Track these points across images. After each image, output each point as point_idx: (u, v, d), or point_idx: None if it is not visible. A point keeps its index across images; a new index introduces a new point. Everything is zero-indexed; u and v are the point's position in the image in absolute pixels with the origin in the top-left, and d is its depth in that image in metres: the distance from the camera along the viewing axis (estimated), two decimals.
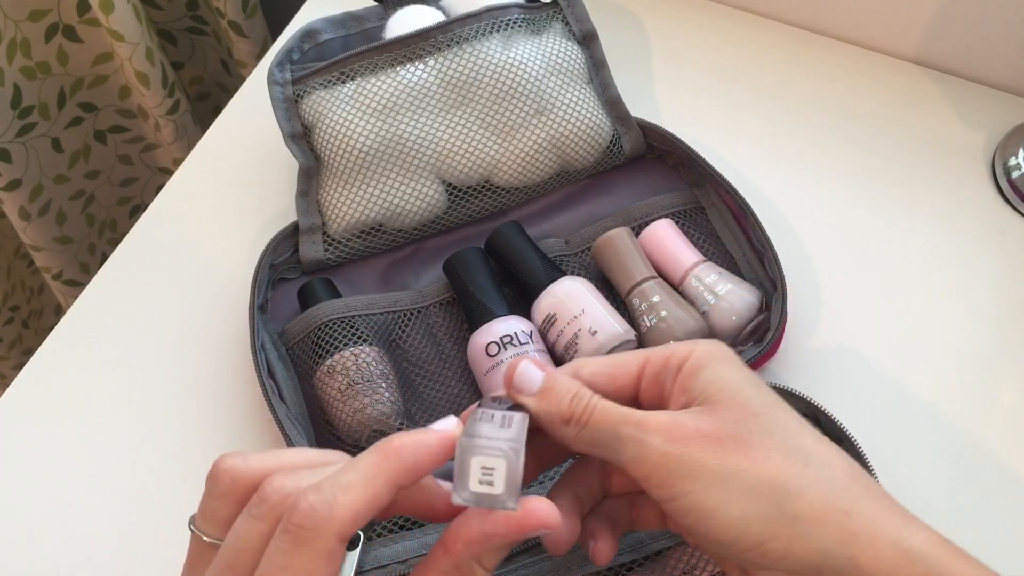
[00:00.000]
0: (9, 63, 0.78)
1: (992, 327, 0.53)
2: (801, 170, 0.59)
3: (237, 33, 0.89)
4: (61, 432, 0.53)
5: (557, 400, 0.31)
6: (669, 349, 0.32)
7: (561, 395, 0.31)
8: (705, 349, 0.31)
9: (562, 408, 0.30)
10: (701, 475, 0.28)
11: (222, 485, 0.29)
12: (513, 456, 0.27)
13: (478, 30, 0.55)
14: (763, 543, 0.28)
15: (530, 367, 0.32)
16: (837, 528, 0.27)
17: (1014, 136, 0.58)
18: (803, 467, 0.29)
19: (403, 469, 0.27)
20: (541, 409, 0.31)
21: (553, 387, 0.31)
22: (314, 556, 0.26)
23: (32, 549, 0.49)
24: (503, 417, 0.30)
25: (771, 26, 0.65)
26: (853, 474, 0.29)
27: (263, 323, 0.52)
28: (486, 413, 0.30)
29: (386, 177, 0.54)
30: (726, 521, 0.28)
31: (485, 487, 0.27)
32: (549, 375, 0.32)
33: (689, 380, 0.31)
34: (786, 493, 0.28)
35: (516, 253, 0.52)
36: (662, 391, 0.32)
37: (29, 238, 0.89)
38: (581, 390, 0.31)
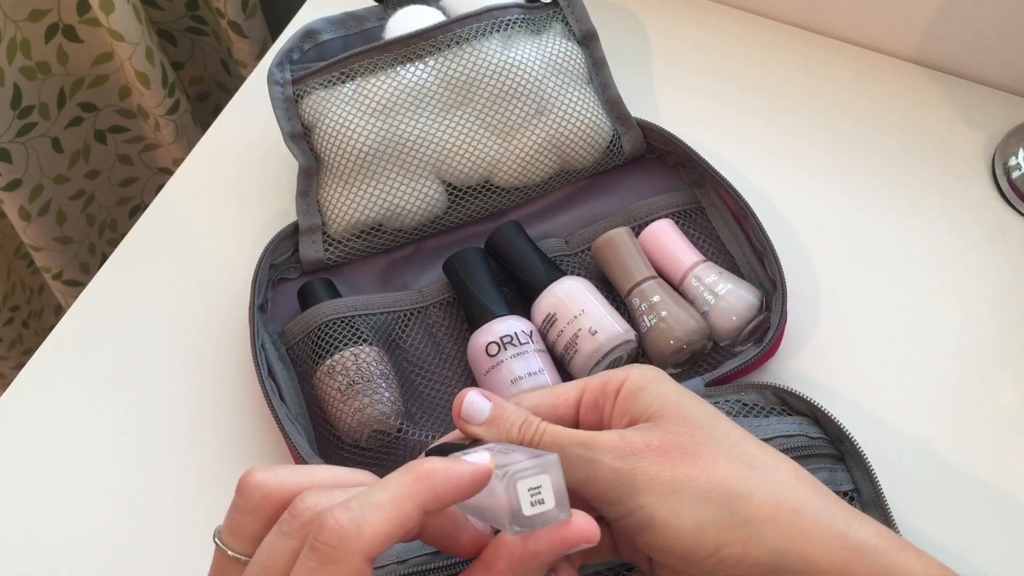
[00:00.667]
0: (9, 63, 0.78)
1: (992, 327, 0.53)
2: (801, 170, 0.59)
3: (237, 33, 0.89)
4: (61, 432, 0.53)
5: (507, 427, 0.32)
6: (605, 376, 0.33)
7: (510, 422, 0.32)
8: (641, 372, 0.32)
9: (512, 435, 0.31)
10: (652, 488, 0.29)
11: (251, 500, 0.28)
12: (555, 466, 0.27)
13: (478, 30, 0.55)
14: (719, 549, 0.28)
15: (477, 398, 0.33)
16: (788, 526, 0.28)
17: (1014, 136, 0.58)
18: (750, 471, 0.29)
19: (433, 495, 0.27)
20: (491, 437, 0.32)
21: (501, 416, 0.32)
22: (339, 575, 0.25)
23: (32, 549, 0.49)
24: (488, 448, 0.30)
25: (771, 26, 0.65)
26: (799, 475, 0.30)
27: (263, 323, 0.52)
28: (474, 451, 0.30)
29: (386, 177, 0.54)
30: (680, 531, 0.28)
31: (538, 507, 0.27)
32: (496, 404, 0.32)
33: (629, 402, 0.31)
34: (736, 497, 0.29)
35: (516, 253, 0.52)
36: (600, 416, 0.32)
37: (29, 238, 0.89)
38: (529, 417, 0.32)
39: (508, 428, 0.32)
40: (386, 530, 0.26)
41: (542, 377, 0.47)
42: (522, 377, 0.47)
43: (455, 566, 0.39)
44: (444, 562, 0.39)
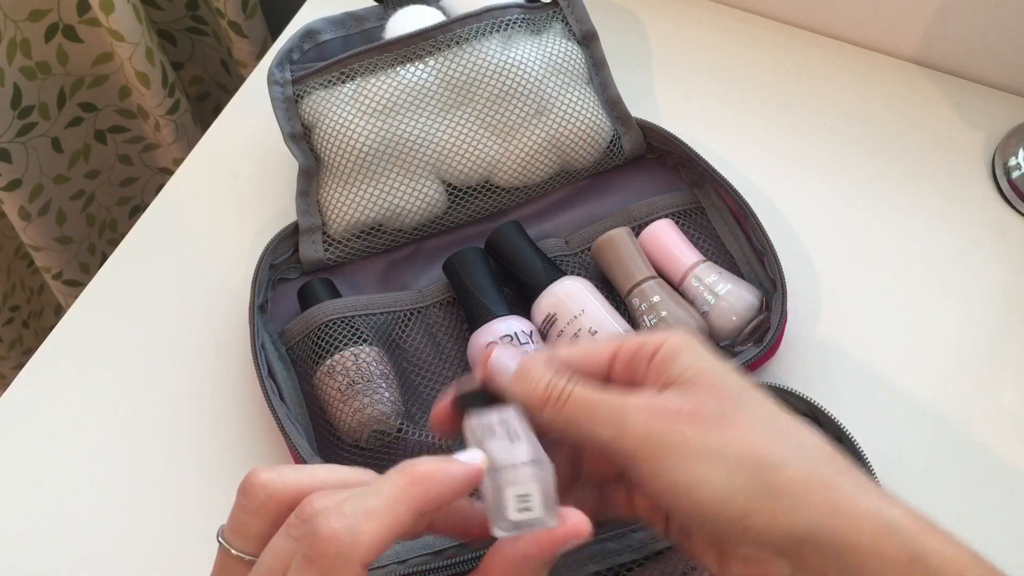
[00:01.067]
0: (9, 63, 0.78)
1: (992, 327, 0.53)
2: (801, 170, 0.59)
3: (237, 33, 0.89)
4: (61, 432, 0.53)
5: (533, 384, 0.31)
6: (642, 337, 0.32)
7: (537, 379, 0.31)
8: (679, 337, 0.32)
9: (538, 392, 0.31)
10: (683, 452, 0.28)
11: (256, 500, 0.28)
12: (547, 476, 0.27)
13: (478, 30, 0.55)
14: (746, 517, 0.28)
15: (505, 352, 0.32)
16: (819, 501, 0.28)
17: (1014, 136, 0.58)
18: (784, 442, 0.29)
19: (426, 499, 0.27)
20: (517, 393, 0.31)
21: (529, 371, 0.31)
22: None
23: (32, 549, 0.49)
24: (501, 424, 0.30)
25: (771, 26, 0.65)
26: (830, 452, 0.30)
27: (263, 323, 0.52)
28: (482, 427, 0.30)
29: (386, 177, 0.54)
30: (709, 495, 0.28)
31: (524, 514, 0.27)
32: (524, 360, 0.32)
33: (664, 366, 0.31)
34: (769, 467, 0.28)
35: (516, 253, 0.52)
36: (633, 378, 0.32)
37: (29, 238, 0.89)
38: (557, 374, 0.31)
39: (534, 386, 0.31)
40: (382, 537, 0.26)
41: None
42: None
43: (455, 566, 0.39)
44: (444, 562, 0.39)
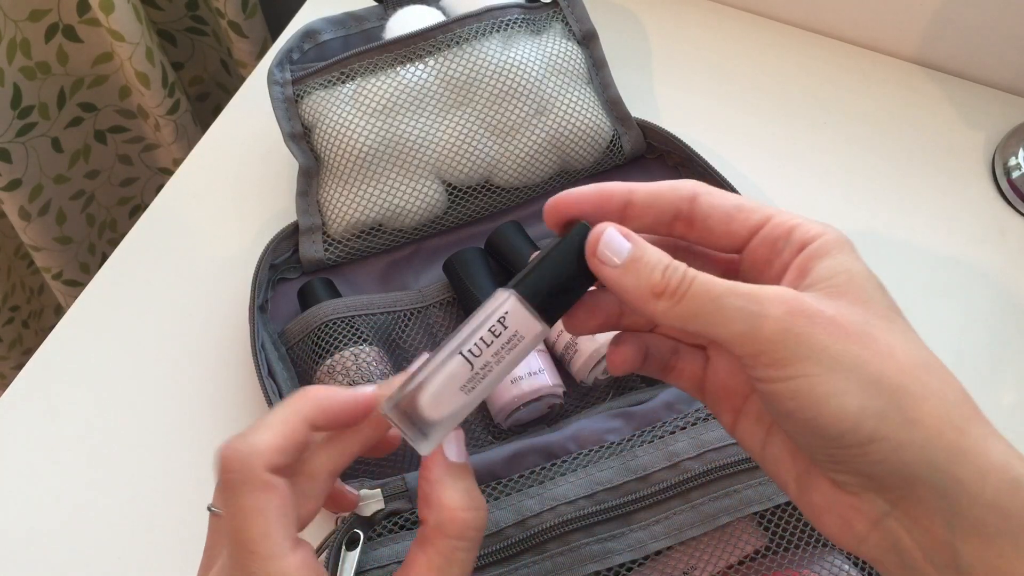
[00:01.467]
0: (9, 63, 0.78)
1: (992, 327, 0.53)
2: (801, 170, 0.59)
3: (237, 33, 0.89)
4: (61, 432, 0.53)
5: (647, 271, 0.28)
6: (796, 220, 0.29)
7: (652, 265, 0.28)
8: (837, 236, 0.29)
9: (653, 280, 0.28)
10: (822, 358, 0.26)
11: None
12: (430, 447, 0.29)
13: (478, 30, 0.55)
14: (871, 441, 0.26)
15: (616, 235, 0.28)
16: (949, 443, 0.26)
17: (1014, 136, 0.58)
18: (926, 373, 0.27)
19: (318, 410, 0.29)
20: (628, 283, 0.28)
21: (642, 257, 0.28)
22: (253, 492, 0.27)
23: (32, 549, 0.49)
24: None
25: (771, 26, 0.65)
26: (965, 394, 0.27)
27: (263, 323, 0.52)
28: None
29: (386, 177, 0.54)
30: (839, 411, 0.26)
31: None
32: (637, 244, 0.28)
33: (813, 261, 0.28)
34: (908, 395, 0.26)
35: (516, 253, 0.52)
36: (772, 258, 0.29)
37: (29, 238, 0.89)
38: (673, 262, 0.28)
39: (649, 273, 0.28)
40: (278, 443, 0.28)
41: (542, 377, 0.47)
42: (522, 377, 0.47)
43: None
44: None
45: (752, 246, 0.29)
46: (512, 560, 0.39)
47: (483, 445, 0.48)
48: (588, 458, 0.42)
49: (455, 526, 0.29)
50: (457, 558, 0.28)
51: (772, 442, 0.30)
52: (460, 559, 0.29)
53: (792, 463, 0.29)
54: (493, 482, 0.42)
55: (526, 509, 0.40)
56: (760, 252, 0.29)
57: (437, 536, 0.29)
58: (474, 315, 0.29)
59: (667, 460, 0.41)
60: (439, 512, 0.29)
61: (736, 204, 0.30)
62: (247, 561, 0.27)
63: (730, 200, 0.30)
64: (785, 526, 0.40)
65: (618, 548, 0.39)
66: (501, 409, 0.47)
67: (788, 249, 0.29)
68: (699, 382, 0.32)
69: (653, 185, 0.30)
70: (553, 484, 0.41)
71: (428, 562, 0.28)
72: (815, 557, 0.40)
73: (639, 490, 0.40)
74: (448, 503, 0.29)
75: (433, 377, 0.28)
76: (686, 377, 0.33)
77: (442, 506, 0.29)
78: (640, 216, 0.30)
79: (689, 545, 0.40)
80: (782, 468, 0.29)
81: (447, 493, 0.29)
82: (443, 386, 0.28)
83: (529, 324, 0.28)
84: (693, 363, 0.32)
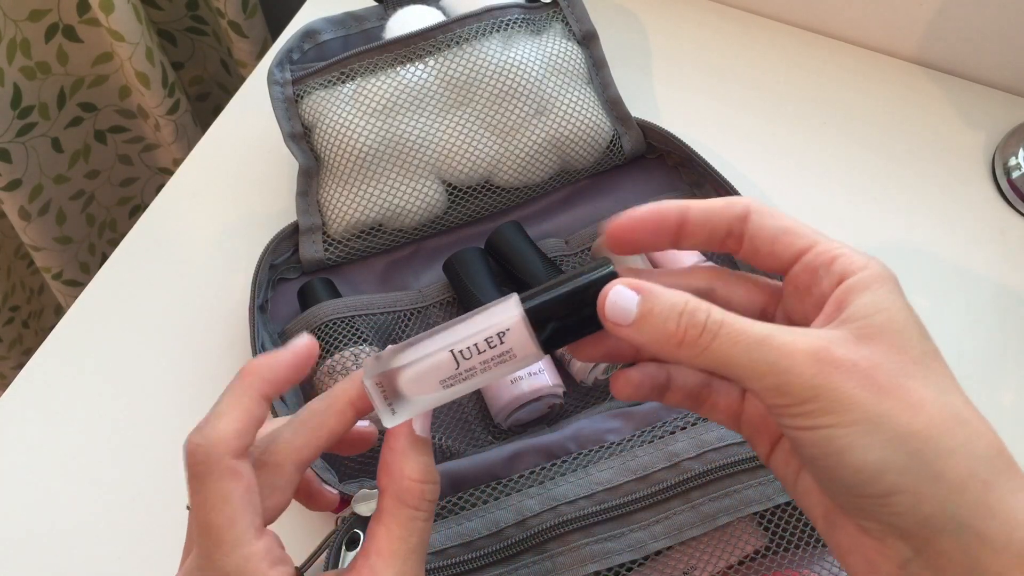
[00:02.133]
0: (9, 63, 0.78)
1: (992, 327, 0.53)
2: (801, 170, 0.59)
3: (237, 33, 0.89)
4: (61, 432, 0.53)
5: (661, 323, 0.27)
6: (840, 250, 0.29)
7: (665, 316, 0.27)
8: (879, 271, 0.28)
9: (668, 331, 0.26)
10: (848, 411, 0.26)
11: None
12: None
13: (478, 30, 0.55)
14: (892, 494, 0.26)
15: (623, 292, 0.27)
16: (974, 497, 0.25)
17: (1014, 136, 0.58)
18: (956, 425, 0.26)
19: (264, 382, 0.30)
20: (643, 339, 0.27)
21: (652, 311, 0.27)
22: (218, 479, 0.28)
23: (32, 549, 0.49)
24: None
25: (771, 26, 0.65)
26: (999, 446, 0.27)
27: (263, 323, 0.52)
28: None
29: (386, 177, 0.54)
30: (860, 464, 0.26)
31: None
32: (647, 297, 0.27)
33: (852, 296, 0.27)
34: (934, 450, 0.25)
35: (516, 253, 0.52)
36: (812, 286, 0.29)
37: (29, 238, 0.89)
38: (691, 304, 0.26)
39: (663, 324, 0.26)
40: (235, 428, 0.29)
41: (542, 377, 0.47)
42: (522, 377, 0.47)
43: (455, 565, 0.39)
44: (444, 562, 0.39)
45: (795, 271, 0.29)
46: (512, 560, 0.39)
47: (483, 445, 0.48)
48: (588, 458, 0.42)
49: (413, 496, 0.29)
50: (416, 527, 0.30)
51: (804, 477, 0.30)
52: (418, 528, 0.30)
53: (821, 500, 0.29)
54: (493, 482, 0.42)
55: (526, 509, 0.40)
56: (802, 278, 0.29)
57: (396, 507, 0.30)
58: (478, 314, 0.29)
59: (667, 460, 0.41)
60: (399, 481, 0.30)
61: (784, 227, 0.29)
62: (212, 550, 0.28)
63: (780, 222, 0.29)
64: (785, 526, 0.40)
65: (618, 548, 0.39)
66: (501, 409, 0.47)
67: (828, 279, 0.28)
68: (735, 415, 0.32)
69: (707, 203, 0.29)
70: (553, 484, 0.41)
71: (388, 533, 0.29)
72: (815, 557, 0.40)
73: (639, 490, 0.40)
74: (409, 473, 0.30)
75: (418, 363, 0.28)
76: (721, 410, 0.32)
77: (403, 475, 0.30)
78: (694, 234, 0.29)
79: (689, 545, 0.40)
80: (812, 503, 0.29)
81: (409, 464, 0.30)
82: (425, 374, 0.28)
83: (526, 347, 0.28)
84: (728, 396, 0.32)
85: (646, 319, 0.27)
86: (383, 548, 0.29)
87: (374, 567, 0.29)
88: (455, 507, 0.41)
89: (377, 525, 0.30)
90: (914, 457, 0.26)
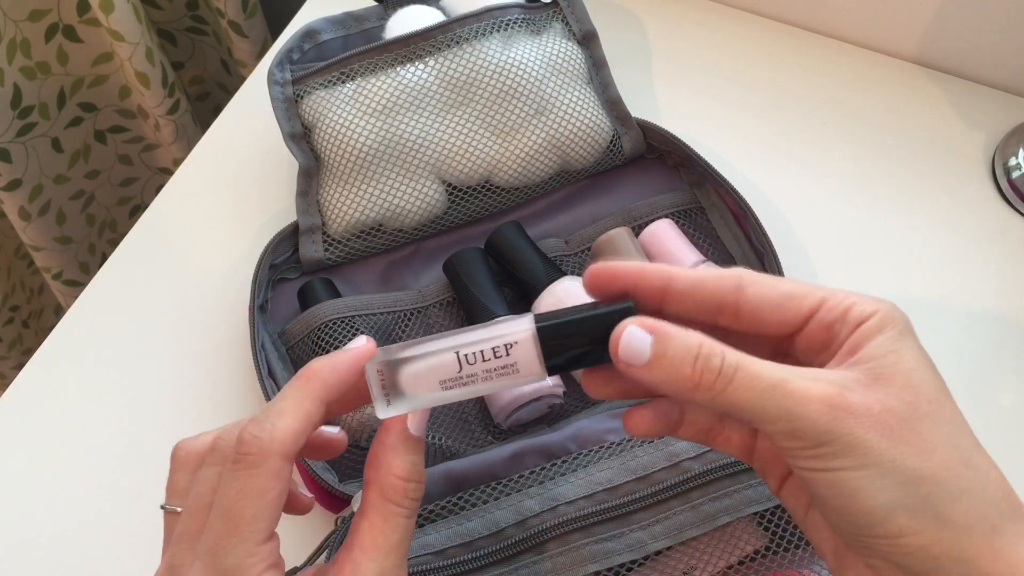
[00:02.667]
0: (9, 63, 0.78)
1: (992, 327, 0.53)
2: (801, 170, 0.59)
3: (237, 33, 0.89)
4: (61, 432, 0.53)
5: (676, 366, 0.26)
6: (851, 300, 0.28)
7: (680, 359, 0.26)
8: (891, 313, 0.28)
9: (683, 374, 0.26)
10: (859, 455, 0.26)
11: (178, 460, 0.32)
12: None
13: (478, 30, 0.55)
14: (901, 536, 0.26)
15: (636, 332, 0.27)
16: (982, 542, 0.26)
17: (1014, 136, 0.58)
18: (965, 469, 0.27)
19: (325, 387, 0.30)
20: (656, 380, 0.27)
21: (666, 354, 0.27)
22: (263, 475, 0.28)
23: (32, 549, 0.49)
24: None
25: (771, 26, 0.65)
26: (1007, 489, 0.28)
27: (263, 323, 0.52)
28: None
29: (386, 177, 0.54)
30: (870, 505, 0.26)
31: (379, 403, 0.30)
32: (661, 339, 0.27)
33: (865, 340, 0.27)
34: (944, 494, 0.26)
35: (516, 253, 0.52)
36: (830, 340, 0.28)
37: (29, 238, 0.89)
38: (705, 348, 0.26)
39: (678, 367, 0.26)
40: (295, 428, 0.29)
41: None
42: None
43: (455, 565, 0.39)
44: (444, 562, 0.39)
45: (809, 331, 0.29)
46: (512, 560, 0.39)
47: (483, 445, 0.48)
48: (588, 458, 0.42)
49: (396, 493, 0.30)
50: (398, 524, 0.30)
51: (814, 513, 0.30)
52: (400, 525, 0.30)
53: (831, 536, 0.29)
54: (493, 482, 0.42)
55: (526, 509, 0.40)
56: (818, 337, 0.29)
57: (380, 502, 0.30)
58: (492, 324, 0.29)
59: (667, 460, 0.41)
60: (385, 476, 0.30)
61: (787, 292, 0.29)
62: (224, 535, 0.28)
63: (780, 288, 0.29)
64: (785, 526, 0.40)
65: (618, 548, 0.39)
66: (501, 409, 0.47)
67: (844, 330, 0.28)
68: (748, 451, 0.32)
69: (696, 274, 0.29)
70: (553, 484, 0.41)
71: (371, 527, 0.30)
72: (815, 557, 0.40)
73: (639, 490, 0.40)
74: (395, 470, 0.30)
75: (423, 359, 0.29)
76: (734, 445, 0.32)
77: (389, 471, 0.30)
78: (680, 302, 0.29)
79: (689, 545, 0.40)
80: (822, 539, 0.30)
81: (397, 461, 0.30)
82: (427, 371, 0.29)
83: (531, 363, 0.28)
84: (741, 432, 0.32)
85: (659, 362, 0.27)
86: (365, 543, 0.29)
87: (356, 561, 0.29)
88: (455, 507, 0.41)
89: (361, 519, 0.30)
90: (925, 500, 0.26)
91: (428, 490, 0.43)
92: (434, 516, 0.41)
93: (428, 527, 0.40)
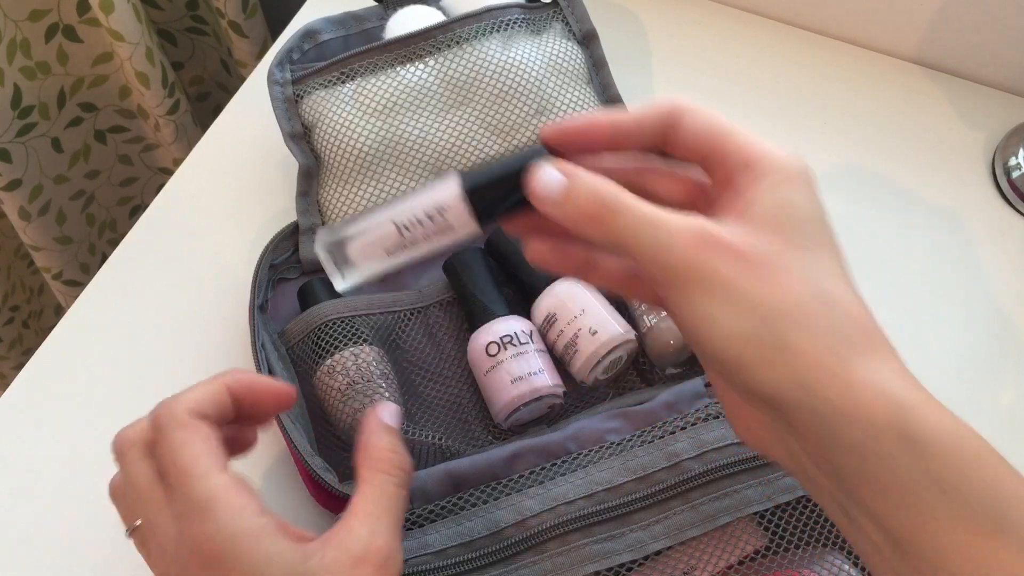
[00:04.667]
0: (9, 63, 0.78)
1: (992, 327, 0.53)
2: None
3: (237, 33, 0.89)
4: (61, 432, 0.53)
5: (580, 204, 0.29)
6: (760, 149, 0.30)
7: (584, 196, 0.29)
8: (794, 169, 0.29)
9: (585, 211, 0.29)
10: (711, 285, 0.27)
11: (113, 495, 0.35)
12: None
13: (478, 30, 0.55)
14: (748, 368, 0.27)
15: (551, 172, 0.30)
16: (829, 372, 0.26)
17: (1014, 136, 0.58)
18: (819, 304, 0.27)
19: (235, 381, 0.34)
20: (562, 216, 0.29)
21: (573, 190, 0.29)
22: (175, 428, 0.32)
23: (32, 549, 0.49)
24: None
25: (771, 26, 0.65)
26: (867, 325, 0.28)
27: (263, 323, 0.52)
28: None
29: (386, 177, 0.54)
30: (719, 335, 0.27)
31: None
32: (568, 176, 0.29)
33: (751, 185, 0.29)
34: (788, 322, 0.26)
35: (516, 253, 0.52)
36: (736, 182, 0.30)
37: (29, 238, 0.89)
38: (603, 187, 0.29)
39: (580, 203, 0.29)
40: (199, 396, 0.33)
41: (542, 377, 0.47)
42: (522, 377, 0.47)
43: (455, 565, 0.39)
44: (444, 562, 0.39)
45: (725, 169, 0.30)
46: (512, 560, 0.39)
47: (483, 445, 0.48)
48: (588, 458, 0.42)
49: (383, 461, 0.34)
50: (387, 491, 0.33)
51: None
52: (389, 492, 0.33)
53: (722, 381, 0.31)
54: (493, 482, 0.42)
55: (526, 509, 0.40)
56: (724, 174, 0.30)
57: (369, 473, 0.33)
58: (421, 190, 0.31)
59: (667, 460, 0.41)
60: (372, 451, 0.34)
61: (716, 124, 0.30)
62: (184, 484, 0.31)
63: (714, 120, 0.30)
64: (785, 526, 0.40)
65: (618, 548, 0.39)
66: (501, 409, 0.47)
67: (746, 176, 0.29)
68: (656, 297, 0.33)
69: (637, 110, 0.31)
70: (553, 484, 0.41)
71: (363, 496, 0.33)
72: (815, 557, 0.40)
73: (639, 490, 0.40)
74: (380, 444, 0.34)
75: (366, 234, 0.31)
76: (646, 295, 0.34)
77: (374, 446, 0.34)
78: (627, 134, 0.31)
79: (689, 545, 0.40)
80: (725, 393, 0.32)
81: (380, 438, 0.35)
82: (372, 243, 0.31)
83: (465, 222, 0.31)
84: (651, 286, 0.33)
85: (567, 198, 0.29)
86: (358, 509, 0.32)
87: (349, 525, 0.31)
88: (455, 507, 0.41)
89: (354, 495, 0.33)
90: (766, 328, 0.27)
91: (428, 490, 0.43)
92: (434, 516, 0.41)
93: (428, 527, 0.40)
